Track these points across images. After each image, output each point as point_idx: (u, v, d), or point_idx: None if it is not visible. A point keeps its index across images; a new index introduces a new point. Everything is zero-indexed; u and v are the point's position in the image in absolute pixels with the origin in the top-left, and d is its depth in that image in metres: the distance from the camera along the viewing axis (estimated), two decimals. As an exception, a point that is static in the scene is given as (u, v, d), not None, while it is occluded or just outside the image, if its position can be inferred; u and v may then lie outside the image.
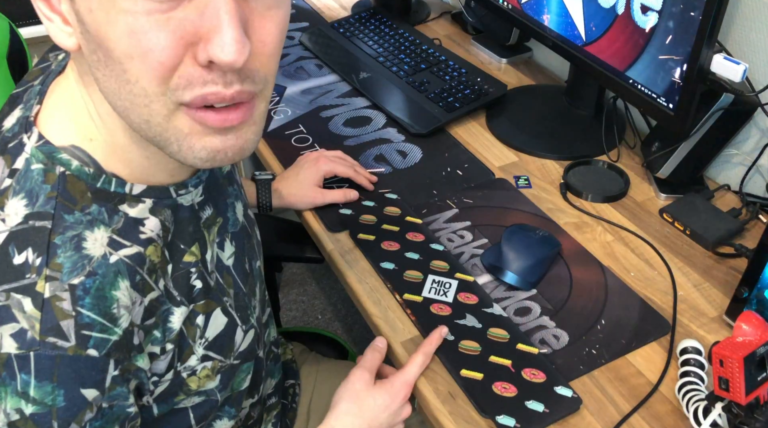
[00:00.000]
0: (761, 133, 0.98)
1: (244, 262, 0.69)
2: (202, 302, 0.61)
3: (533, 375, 0.74)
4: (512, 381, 0.74)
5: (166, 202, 0.57)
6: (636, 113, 1.15)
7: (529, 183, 1.04)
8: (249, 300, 0.68)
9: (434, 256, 0.89)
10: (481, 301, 0.83)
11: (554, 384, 0.73)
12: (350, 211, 0.96)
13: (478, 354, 0.77)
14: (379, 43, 1.34)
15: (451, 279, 0.86)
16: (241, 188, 0.73)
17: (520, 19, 1.15)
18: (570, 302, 0.84)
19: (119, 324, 0.51)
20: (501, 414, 0.71)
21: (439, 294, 0.84)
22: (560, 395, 0.73)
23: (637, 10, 0.91)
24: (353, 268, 0.90)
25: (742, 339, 0.64)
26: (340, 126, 1.16)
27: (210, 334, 0.62)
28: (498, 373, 0.75)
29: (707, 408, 0.68)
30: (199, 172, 0.61)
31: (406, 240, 0.91)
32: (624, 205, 1.00)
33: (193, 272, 0.60)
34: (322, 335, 1.17)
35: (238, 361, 0.67)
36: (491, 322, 0.80)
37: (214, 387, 0.64)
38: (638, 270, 0.89)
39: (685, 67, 0.86)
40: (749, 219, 0.95)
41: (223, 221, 0.66)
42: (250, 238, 0.72)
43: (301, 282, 2.01)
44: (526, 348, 0.77)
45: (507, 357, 0.76)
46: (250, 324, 0.68)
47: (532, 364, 0.76)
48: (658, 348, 0.79)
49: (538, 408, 0.71)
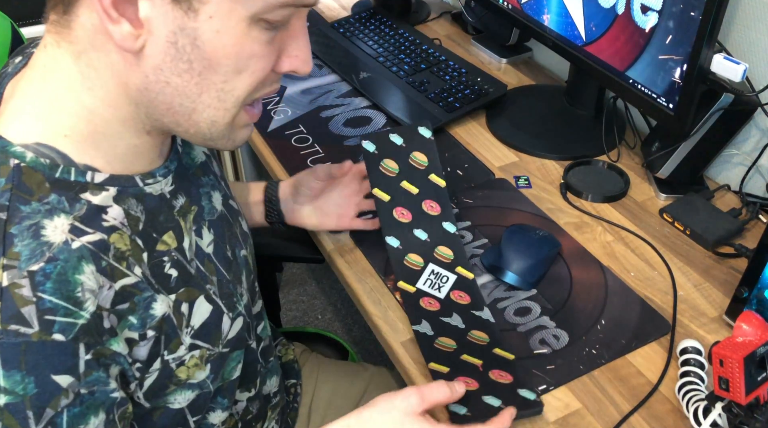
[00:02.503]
0: (761, 133, 0.98)
1: (226, 250, 0.69)
2: (182, 290, 0.61)
3: (500, 376, 0.73)
4: (476, 378, 0.73)
5: (131, 190, 0.58)
6: (636, 113, 1.15)
7: (529, 183, 1.04)
8: (234, 288, 0.69)
9: (442, 240, 0.85)
10: (473, 303, 0.81)
11: (519, 387, 0.72)
12: None
13: (451, 351, 0.76)
14: (379, 43, 1.34)
15: (451, 273, 0.83)
16: (220, 179, 0.75)
17: (520, 19, 1.15)
18: (570, 302, 0.84)
19: (85, 307, 0.50)
20: (455, 402, 0.69)
21: (433, 288, 0.82)
22: (522, 397, 0.71)
23: (637, 10, 0.91)
24: (353, 268, 0.90)
25: (742, 339, 0.64)
26: (340, 126, 1.16)
27: (195, 322, 0.62)
28: (465, 369, 0.74)
29: (707, 408, 0.68)
30: (166, 163, 0.63)
31: (421, 211, 0.86)
32: (624, 205, 1.00)
33: (166, 260, 0.60)
34: (323, 335, 1.17)
35: (227, 349, 0.67)
36: (475, 325, 0.79)
37: (205, 377, 0.64)
38: (638, 270, 0.89)
39: (685, 67, 0.86)
40: (749, 219, 0.95)
41: (198, 209, 0.67)
42: (231, 227, 0.72)
43: (301, 282, 2.01)
44: (503, 353, 0.76)
45: (479, 358, 0.75)
46: (238, 311, 0.68)
47: (503, 367, 0.74)
48: (658, 348, 0.79)
49: (494, 403, 0.70)
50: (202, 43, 0.50)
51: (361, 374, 1.02)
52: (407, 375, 0.78)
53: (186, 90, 0.53)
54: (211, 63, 0.52)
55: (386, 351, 0.82)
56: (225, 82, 0.53)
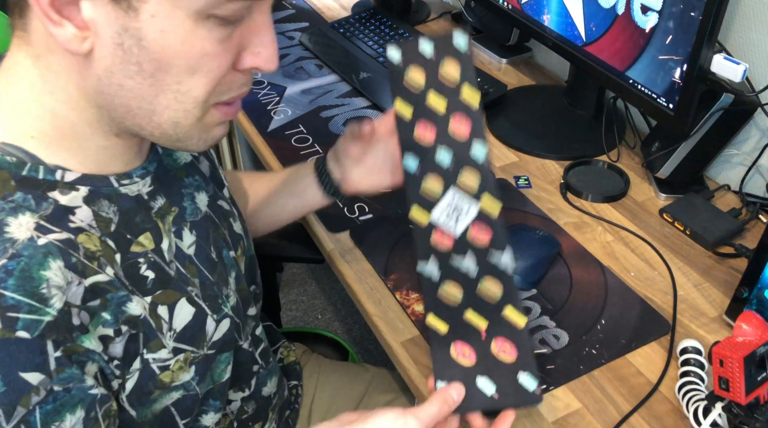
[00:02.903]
0: (761, 133, 0.98)
1: (209, 251, 0.68)
2: (160, 292, 0.60)
3: (503, 350, 0.65)
4: (475, 348, 0.65)
5: (104, 190, 0.57)
6: (636, 113, 1.15)
7: (529, 183, 1.04)
8: (219, 290, 0.67)
9: (468, 165, 0.71)
10: (493, 242, 0.69)
11: (520, 369, 0.64)
12: None
13: (455, 305, 0.67)
14: (379, 43, 1.34)
15: (473, 203, 0.70)
16: (210, 180, 0.73)
17: (520, 19, 1.15)
18: (570, 302, 0.84)
19: (51, 304, 0.50)
20: (444, 379, 0.64)
21: (449, 219, 0.70)
22: (520, 385, 0.64)
23: (637, 10, 0.91)
24: (353, 268, 0.90)
25: (742, 339, 0.64)
26: (340, 126, 1.16)
27: (177, 325, 0.62)
28: (465, 333, 0.66)
29: (707, 408, 0.68)
30: (145, 163, 0.62)
31: (446, 131, 0.72)
32: (624, 205, 1.00)
33: (142, 262, 0.59)
34: (323, 335, 1.17)
35: (212, 351, 0.66)
36: (489, 272, 0.68)
37: (189, 379, 0.64)
38: (638, 270, 0.89)
39: (685, 67, 0.86)
40: (749, 219, 0.95)
41: (179, 210, 0.65)
42: (218, 228, 0.71)
43: (301, 282, 2.01)
44: (514, 316, 0.66)
45: (485, 318, 0.66)
46: (223, 313, 0.67)
47: (508, 336, 0.65)
48: (658, 348, 0.79)
49: (488, 390, 0.64)
50: (147, 43, 0.49)
51: (362, 375, 1.02)
52: (407, 376, 0.78)
53: (141, 92, 0.51)
54: (161, 64, 0.50)
55: (386, 351, 0.82)
56: (179, 82, 0.51)
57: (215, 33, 0.50)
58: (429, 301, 0.68)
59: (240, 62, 0.53)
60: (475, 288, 0.67)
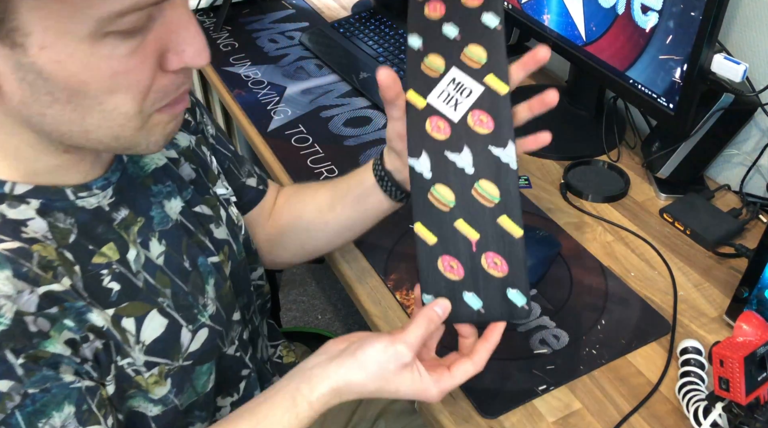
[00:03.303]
0: (761, 133, 0.98)
1: (182, 260, 0.65)
2: (126, 304, 0.58)
3: (494, 264, 0.60)
4: (463, 262, 0.61)
5: (58, 204, 0.55)
6: (636, 113, 1.15)
7: (529, 183, 1.04)
8: (195, 299, 0.65)
9: (475, 37, 0.62)
10: (495, 132, 0.61)
11: (510, 285, 0.61)
12: None
13: (447, 211, 0.61)
14: (379, 43, 1.34)
15: (478, 83, 0.61)
16: (189, 185, 0.70)
17: (520, 19, 1.15)
18: (570, 302, 0.84)
19: (2, 314, 0.49)
20: (430, 293, 0.61)
21: (448, 103, 0.61)
22: (509, 300, 0.61)
23: (638, 10, 0.91)
24: (353, 268, 0.90)
25: (743, 339, 0.64)
26: (340, 126, 1.16)
27: (146, 337, 0.60)
28: (454, 245, 0.61)
29: (707, 408, 0.68)
30: (107, 173, 0.60)
31: (457, 3, 0.63)
32: (624, 205, 1.00)
33: (105, 273, 0.57)
34: (323, 335, 1.17)
35: (189, 362, 0.64)
36: (487, 172, 0.60)
37: (167, 392, 0.62)
38: (638, 270, 0.89)
39: (685, 67, 0.86)
40: (749, 219, 0.95)
41: (145, 220, 0.63)
42: (192, 235, 0.68)
43: (301, 282, 2.01)
44: (510, 225, 0.60)
45: (477, 229, 0.61)
46: (200, 323, 0.65)
47: (501, 249, 0.60)
48: (658, 348, 0.79)
49: (474, 304, 0.61)
50: (48, 75, 0.46)
51: None
52: (407, 375, 0.78)
53: (65, 118, 0.49)
54: (73, 91, 0.47)
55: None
56: (101, 103, 0.49)
57: (120, 49, 0.46)
58: (418, 206, 0.61)
59: (166, 64, 0.50)
60: (470, 190, 0.60)
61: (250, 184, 0.84)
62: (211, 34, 1.46)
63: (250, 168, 0.85)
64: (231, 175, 0.81)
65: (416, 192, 0.62)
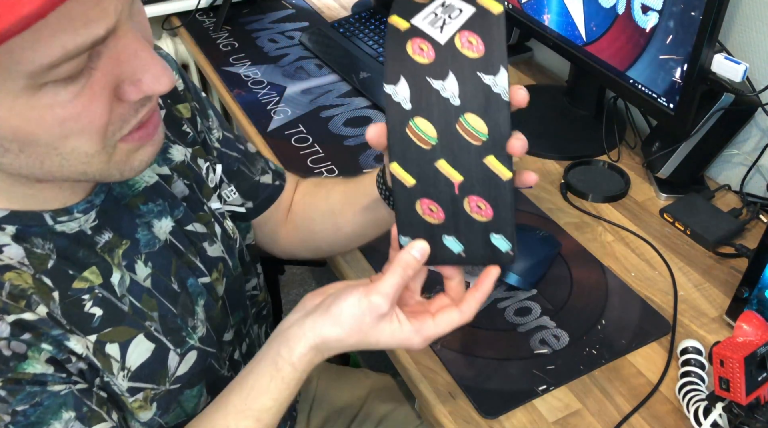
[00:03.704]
0: (762, 133, 0.98)
1: (170, 282, 0.63)
2: (109, 330, 0.57)
3: (477, 208, 0.55)
4: (444, 206, 0.56)
5: (36, 230, 0.54)
6: (636, 113, 1.15)
7: (529, 183, 1.04)
8: (183, 321, 0.63)
9: None
10: (486, 56, 0.52)
11: (494, 230, 0.56)
12: None
13: (428, 148, 0.54)
14: (379, 43, 1.34)
15: (468, 3, 0.53)
16: (182, 202, 0.67)
17: (521, 18, 1.15)
18: (570, 302, 0.84)
19: None
20: (408, 235, 0.57)
21: (434, 24, 0.53)
22: (492, 245, 0.56)
23: (638, 10, 0.91)
24: (353, 268, 0.90)
25: (743, 339, 0.64)
26: (340, 126, 1.16)
27: (132, 363, 0.58)
28: (435, 187, 0.55)
29: (708, 409, 0.68)
30: (90, 196, 0.58)
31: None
32: (624, 205, 1.00)
33: (87, 299, 0.56)
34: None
35: (177, 386, 0.62)
36: (475, 104, 0.53)
37: (152, 415, 0.61)
38: (639, 270, 0.89)
39: (685, 67, 0.86)
40: (750, 219, 0.95)
41: (130, 243, 0.61)
42: (182, 255, 0.65)
43: (301, 283, 2.01)
44: (497, 166, 0.54)
45: (461, 171, 0.54)
46: (188, 345, 0.63)
47: (486, 193, 0.55)
48: (658, 349, 0.79)
49: (455, 248, 0.57)
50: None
51: (362, 381, 1.01)
52: (408, 376, 0.78)
53: (24, 164, 0.47)
54: (23, 142, 0.45)
55: (386, 350, 0.82)
56: (56, 148, 0.46)
57: (62, 95, 0.43)
58: (395, 143, 0.55)
59: (125, 96, 0.47)
60: (455, 124, 0.53)
61: (265, 182, 0.81)
62: (211, 34, 1.46)
63: (264, 165, 0.82)
64: (242, 176, 0.78)
65: (393, 126, 0.55)
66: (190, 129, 0.72)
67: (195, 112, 0.74)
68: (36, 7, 0.35)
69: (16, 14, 0.35)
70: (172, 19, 1.52)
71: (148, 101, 0.50)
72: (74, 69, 0.42)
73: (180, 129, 0.70)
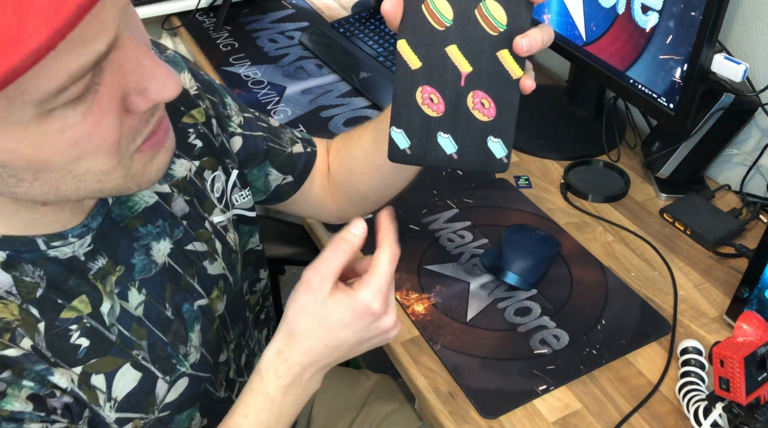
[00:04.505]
0: (762, 133, 0.98)
1: (164, 309, 0.61)
2: (95, 360, 0.55)
3: (481, 105, 0.53)
4: (446, 97, 0.53)
5: (27, 256, 0.52)
6: (636, 113, 1.15)
7: (529, 183, 1.04)
8: (174, 349, 0.62)
9: None
10: None
11: (492, 133, 0.54)
12: None
13: (440, 30, 0.52)
14: (379, 43, 1.34)
15: None
16: (182, 220, 0.65)
17: (521, 18, 1.15)
18: (570, 302, 0.84)
19: None
20: (401, 127, 0.54)
21: None
22: (487, 148, 0.54)
23: (638, 10, 0.91)
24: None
25: (743, 339, 0.64)
26: (340, 126, 1.16)
27: (119, 393, 0.57)
28: (440, 75, 0.53)
29: (708, 409, 0.68)
30: (86, 220, 0.56)
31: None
32: (624, 204, 1.00)
33: (74, 329, 0.54)
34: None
35: (166, 413, 0.61)
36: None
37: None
38: (638, 270, 0.89)
39: (685, 67, 0.86)
40: (750, 220, 0.95)
41: (125, 269, 0.59)
42: (179, 279, 0.64)
43: (301, 283, 2.01)
44: (509, 63, 0.52)
45: (471, 61, 0.52)
46: (179, 373, 0.62)
47: (493, 89, 0.53)
48: (658, 349, 0.79)
49: (448, 148, 0.55)
50: (5, 163, 0.43)
51: (363, 383, 1.01)
52: (408, 376, 0.78)
53: (38, 191, 0.46)
54: (37, 170, 0.44)
55: (385, 350, 0.82)
56: (71, 171, 0.46)
57: (72, 117, 0.42)
58: (408, 18, 0.52)
59: (133, 107, 0.46)
60: (474, 8, 0.51)
61: (298, 151, 0.79)
62: (211, 34, 1.46)
63: (291, 135, 0.81)
64: (274, 152, 0.77)
65: (410, 0, 0.53)
66: (199, 139, 0.69)
67: (210, 114, 0.71)
68: (45, 39, 0.34)
69: (25, 49, 0.34)
70: (172, 19, 1.52)
71: (157, 110, 0.49)
72: (81, 89, 0.42)
73: (186, 142, 0.68)
